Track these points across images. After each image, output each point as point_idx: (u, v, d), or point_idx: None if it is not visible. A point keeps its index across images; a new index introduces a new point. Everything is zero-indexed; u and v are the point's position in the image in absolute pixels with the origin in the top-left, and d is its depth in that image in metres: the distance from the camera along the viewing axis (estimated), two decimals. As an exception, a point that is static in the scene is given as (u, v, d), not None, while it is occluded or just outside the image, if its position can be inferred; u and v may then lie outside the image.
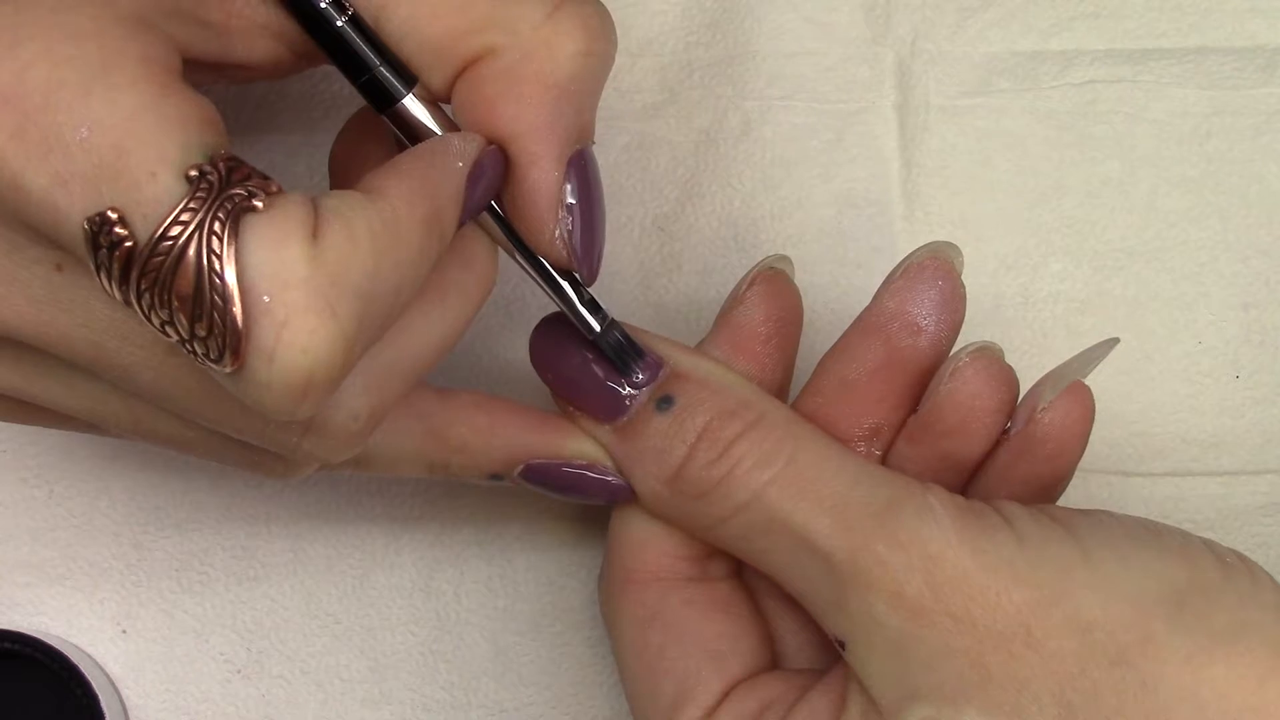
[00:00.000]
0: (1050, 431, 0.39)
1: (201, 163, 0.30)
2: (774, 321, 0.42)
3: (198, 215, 0.30)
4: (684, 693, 0.40)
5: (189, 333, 0.30)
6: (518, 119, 0.36)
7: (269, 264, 0.30)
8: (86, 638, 0.49)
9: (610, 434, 0.41)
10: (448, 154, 0.35)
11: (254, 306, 0.30)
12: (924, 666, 0.36)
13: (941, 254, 0.40)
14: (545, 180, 0.36)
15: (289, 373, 0.30)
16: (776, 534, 0.39)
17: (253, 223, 0.30)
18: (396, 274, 0.32)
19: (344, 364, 0.31)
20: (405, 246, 0.32)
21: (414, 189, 0.33)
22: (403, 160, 0.34)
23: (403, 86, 0.36)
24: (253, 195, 0.30)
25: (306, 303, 0.30)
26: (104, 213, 0.30)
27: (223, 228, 0.30)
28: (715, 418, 0.40)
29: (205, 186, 0.30)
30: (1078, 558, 0.36)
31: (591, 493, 0.42)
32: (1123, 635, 0.34)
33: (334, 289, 0.30)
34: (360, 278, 0.31)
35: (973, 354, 0.39)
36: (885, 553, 0.37)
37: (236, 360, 0.30)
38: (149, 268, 0.30)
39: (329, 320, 0.30)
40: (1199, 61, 0.50)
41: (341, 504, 0.49)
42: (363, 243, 0.31)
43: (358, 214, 0.31)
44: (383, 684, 0.49)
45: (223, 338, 0.30)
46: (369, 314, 0.31)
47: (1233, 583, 0.35)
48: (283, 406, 0.31)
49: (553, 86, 0.36)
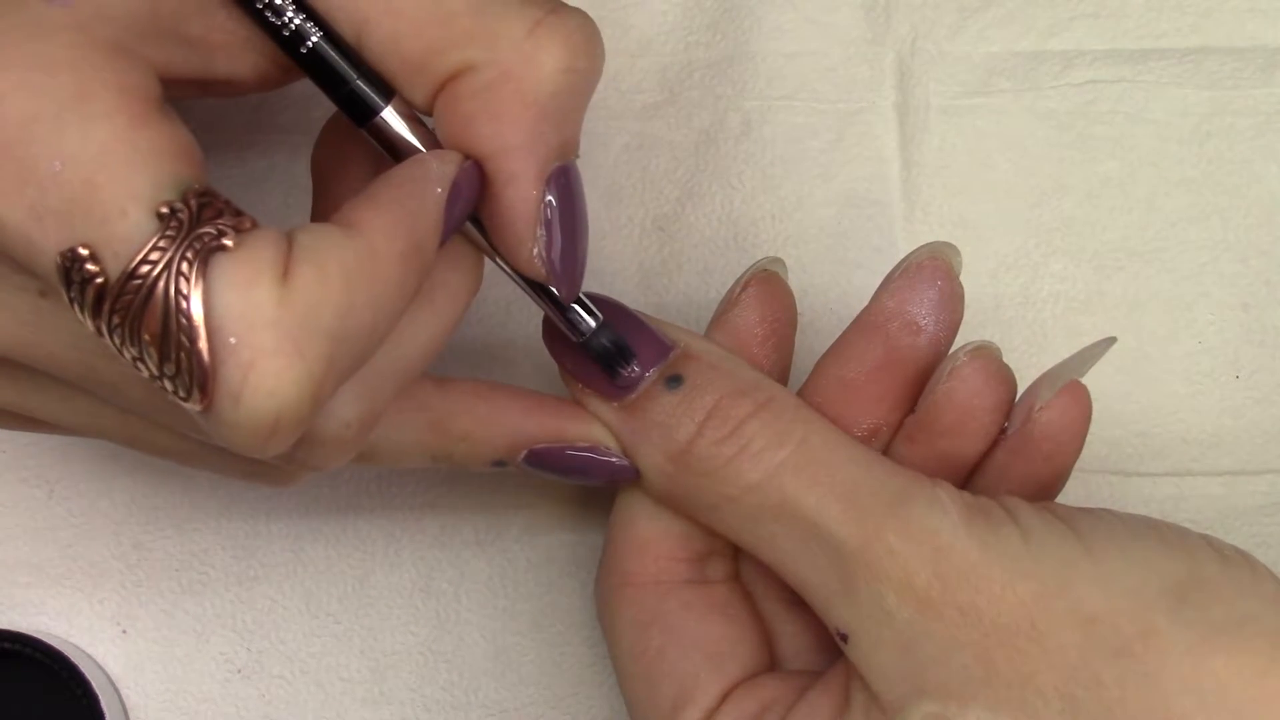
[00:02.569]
0: (1048, 430, 0.39)
1: (173, 199, 0.30)
2: (769, 323, 0.42)
3: (166, 254, 0.29)
4: (683, 695, 0.40)
5: (159, 370, 0.30)
6: (495, 137, 0.35)
7: (236, 305, 0.29)
8: (86, 638, 0.49)
9: (617, 411, 0.41)
10: (426, 180, 0.34)
11: (220, 348, 0.30)
12: (930, 660, 0.36)
13: (940, 254, 0.40)
14: (521, 200, 0.36)
15: (255, 414, 0.30)
16: (785, 518, 0.39)
17: (221, 262, 0.30)
18: (372, 311, 0.32)
19: (313, 404, 0.31)
20: (382, 282, 0.32)
21: (392, 222, 0.33)
22: (380, 191, 0.34)
23: (380, 99, 0.35)
24: (222, 234, 0.30)
25: (274, 345, 0.30)
26: (75, 249, 0.29)
27: (190, 267, 0.29)
28: (726, 396, 0.40)
29: (175, 225, 0.29)
30: (1080, 552, 0.36)
31: (595, 474, 0.42)
32: (1125, 628, 0.34)
33: (302, 330, 0.30)
34: (331, 318, 0.30)
35: (971, 353, 0.39)
36: (896, 542, 0.37)
37: (205, 399, 0.30)
38: (119, 304, 0.30)
39: (296, 362, 0.30)
40: (1199, 61, 0.50)
41: (341, 504, 0.49)
42: (334, 282, 0.31)
43: (331, 252, 0.31)
44: (383, 684, 0.49)
45: (190, 377, 0.30)
46: (340, 353, 0.31)
47: (1232, 576, 0.36)
48: (251, 446, 0.31)
49: (532, 105, 0.35)
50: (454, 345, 0.49)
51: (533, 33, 0.35)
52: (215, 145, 0.49)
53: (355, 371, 0.33)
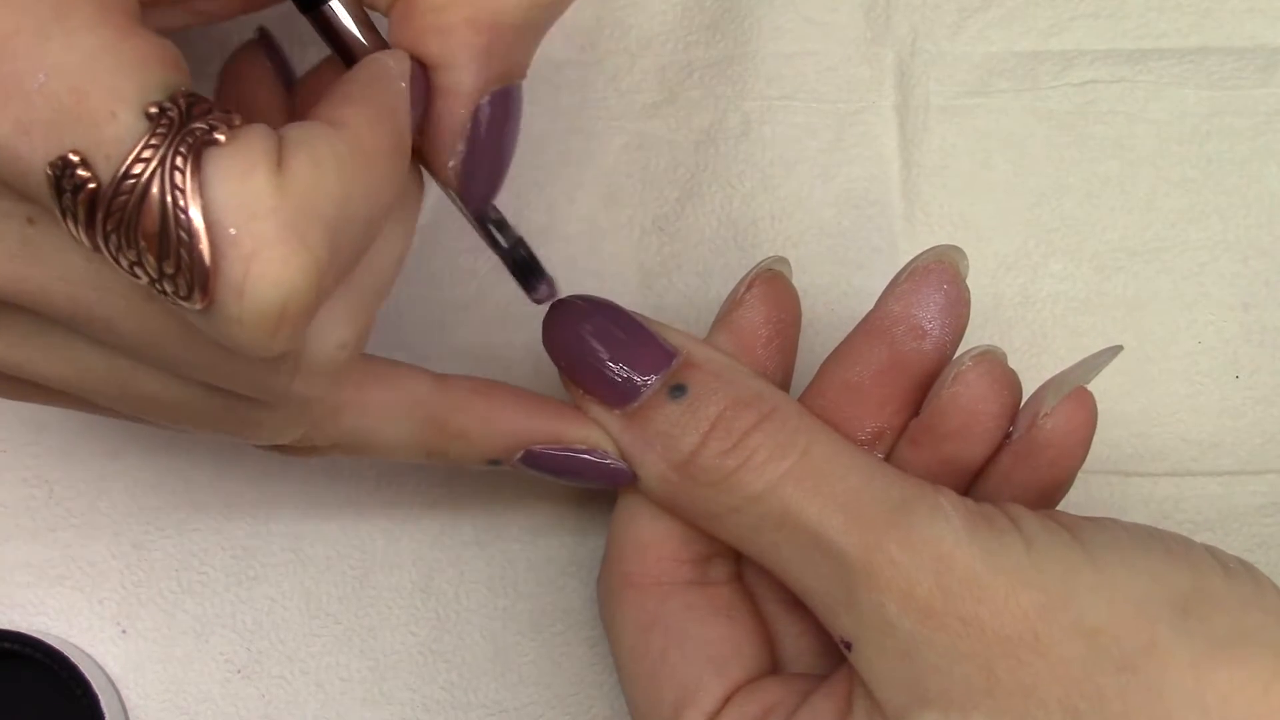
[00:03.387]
0: (1052, 437, 0.39)
1: (161, 99, 0.29)
2: (774, 323, 0.42)
3: (159, 151, 0.29)
4: (685, 698, 0.40)
5: (157, 272, 0.30)
6: (443, 54, 0.35)
7: (234, 196, 0.29)
8: (86, 638, 0.49)
9: (618, 419, 0.41)
10: (390, 77, 0.34)
11: (220, 240, 0.29)
12: (932, 670, 0.36)
13: (946, 258, 0.40)
14: (449, 114, 0.36)
15: (260, 306, 0.30)
16: (787, 528, 0.38)
17: (215, 155, 0.29)
18: (365, 202, 0.32)
19: (317, 293, 0.30)
20: (373, 174, 0.32)
21: (373, 116, 0.33)
22: (353, 88, 0.34)
23: None
24: (214, 129, 0.29)
25: (275, 233, 0.29)
26: (66, 156, 0.29)
27: (185, 162, 0.29)
28: (729, 407, 0.40)
29: (166, 122, 0.29)
30: (1083, 562, 0.36)
31: (591, 476, 0.42)
32: (1128, 641, 0.34)
33: (302, 218, 0.30)
34: (329, 205, 0.30)
35: (976, 358, 0.39)
36: (898, 553, 0.37)
37: (206, 298, 0.30)
38: (114, 208, 0.29)
39: (299, 250, 0.30)
40: (1199, 61, 0.50)
41: (341, 504, 0.49)
42: (330, 171, 0.30)
43: (323, 143, 0.31)
44: (383, 684, 0.49)
45: (191, 274, 0.29)
46: (340, 242, 0.31)
47: (1236, 589, 0.35)
48: (257, 341, 0.30)
49: (485, 30, 0.35)
50: (454, 346, 0.49)
51: None
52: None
53: (353, 265, 0.33)
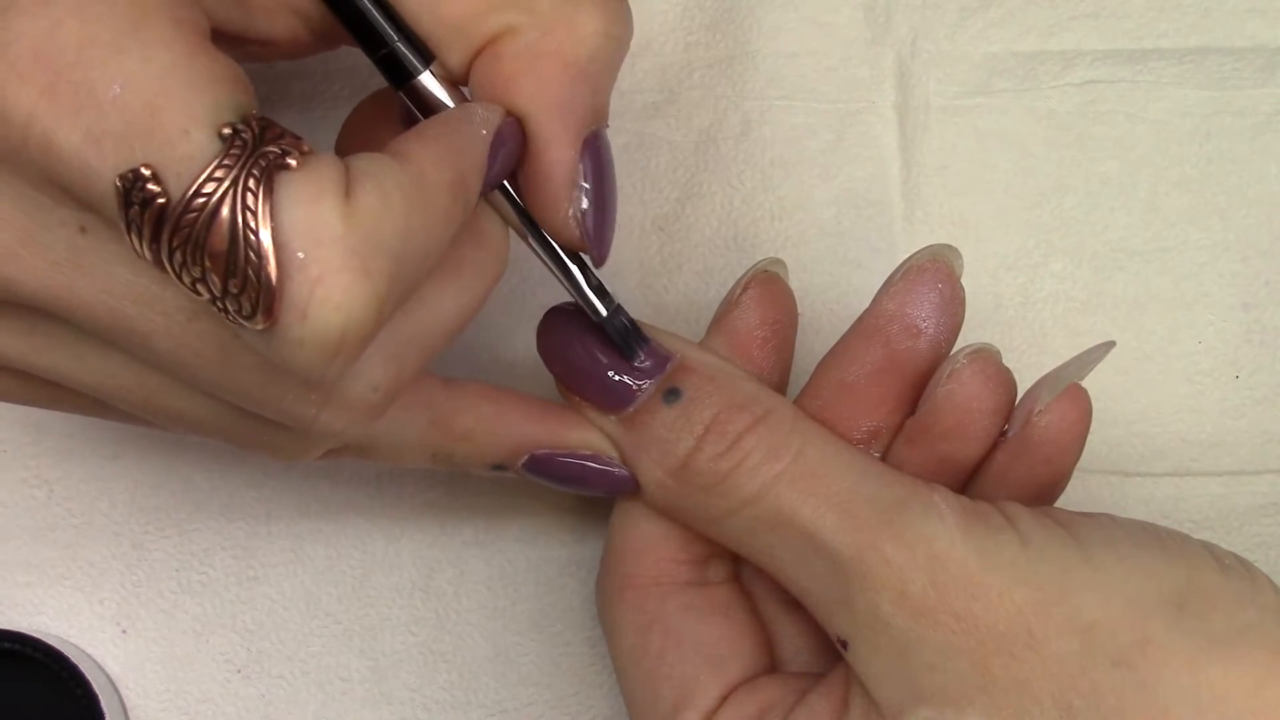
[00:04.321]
0: (1047, 434, 0.39)
1: (234, 120, 0.30)
2: (770, 324, 0.42)
3: (232, 172, 0.30)
4: (683, 697, 0.40)
5: (221, 291, 0.30)
6: (536, 97, 0.36)
7: (304, 221, 0.30)
8: (86, 638, 0.49)
9: (615, 425, 0.41)
10: (472, 121, 0.35)
11: (289, 263, 0.30)
12: (927, 667, 0.36)
13: (941, 257, 0.40)
14: (561, 159, 0.36)
15: (322, 330, 0.30)
16: (782, 530, 0.39)
17: (287, 180, 0.30)
18: (425, 236, 0.32)
19: (376, 323, 0.31)
20: (433, 210, 0.32)
21: (440, 153, 0.33)
22: (427, 126, 0.34)
23: (420, 62, 0.36)
24: (286, 153, 0.30)
25: (341, 260, 0.30)
26: (137, 169, 0.29)
27: (257, 185, 0.30)
28: (723, 410, 0.40)
29: (239, 144, 0.30)
30: (1079, 559, 0.36)
31: (594, 484, 0.42)
32: (1123, 636, 0.34)
33: (368, 247, 0.30)
34: (392, 238, 0.31)
35: (970, 356, 0.39)
36: (891, 551, 0.37)
37: (269, 318, 0.30)
38: (181, 224, 0.30)
39: (363, 278, 0.30)
40: (1199, 61, 0.50)
41: (341, 504, 0.49)
42: (395, 203, 0.31)
43: (389, 175, 0.31)
44: (383, 684, 0.49)
45: (256, 295, 0.30)
46: (400, 275, 0.31)
47: (1231, 585, 0.35)
48: (314, 365, 0.31)
49: (571, 65, 0.36)
50: (456, 350, 0.49)
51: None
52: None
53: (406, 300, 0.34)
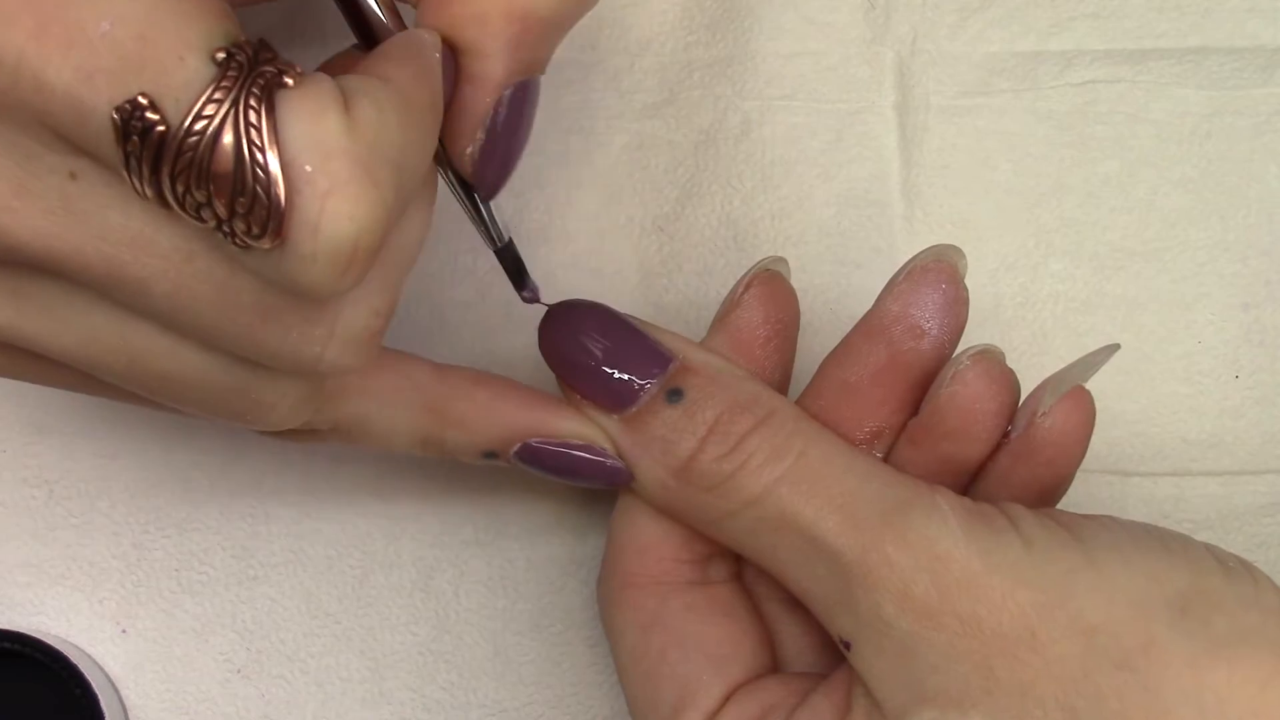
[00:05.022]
0: (1051, 436, 0.39)
1: (227, 45, 0.30)
2: (772, 323, 0.42)
3: (231, 93, 0.29)
4: (685, 697, 0.40)
5: (228, 213, 0.30)
6: (474, 40, 0.36)
7: (308, 136, 0.30)
8: (86, 638, 0.49)
9: (617, 424, 0.41)
10: (425, 46, 0.35)
11: (297, 178, 0.30)
12: (930, 669, 0.36)
13: (945, 257, 0.40)
14: (475, 100, 0.36)
15: (335, 241, 0.30)
16: (785, 530, 0.39)
17: (287, 97, 0.30)
18: (417, 149, 0.33)
19: (384, 233, 0.31)
20: (420, 125, 0.33)
21: (416, 74, 0.33)
22: (393, 49, 0.34)
23: None
24: (284, 72, 0.30)
25: (349, 172, 0.30)
26: (134, 99, 0.29)
27: (259, 104, 0.29)
28: (727, 411, 0.40)
29: (235, 66, 0.30)
30: (1082, 561, 0.36)
31: (586, 474, 0.42)
32: (1126, 639, 0.34)
33: (372, 158, 0.30)
34: (392, 149, 0.31)
35: (974, 357, 0.39)
36: (893, 552, 0.37)
37: (279, 237, 0.30)
38: (184, 150, 0.29)
39: (371, 188, 0.30)
40: (1199, 61, 0.50)
41: (341, 504, 0.49)
42: (391, 118, 0.31)
43: (381, 92, 0.32)
44: (383, 684, 0.49)
45: (265, 213, 0.30)
46: (402, 185, 0.32)
47: (1235, 587, 0.35)
48: (327, 280, 0.31)
49: (518, 20, 0.36)
50: (454, 346, 0.49)
51: None
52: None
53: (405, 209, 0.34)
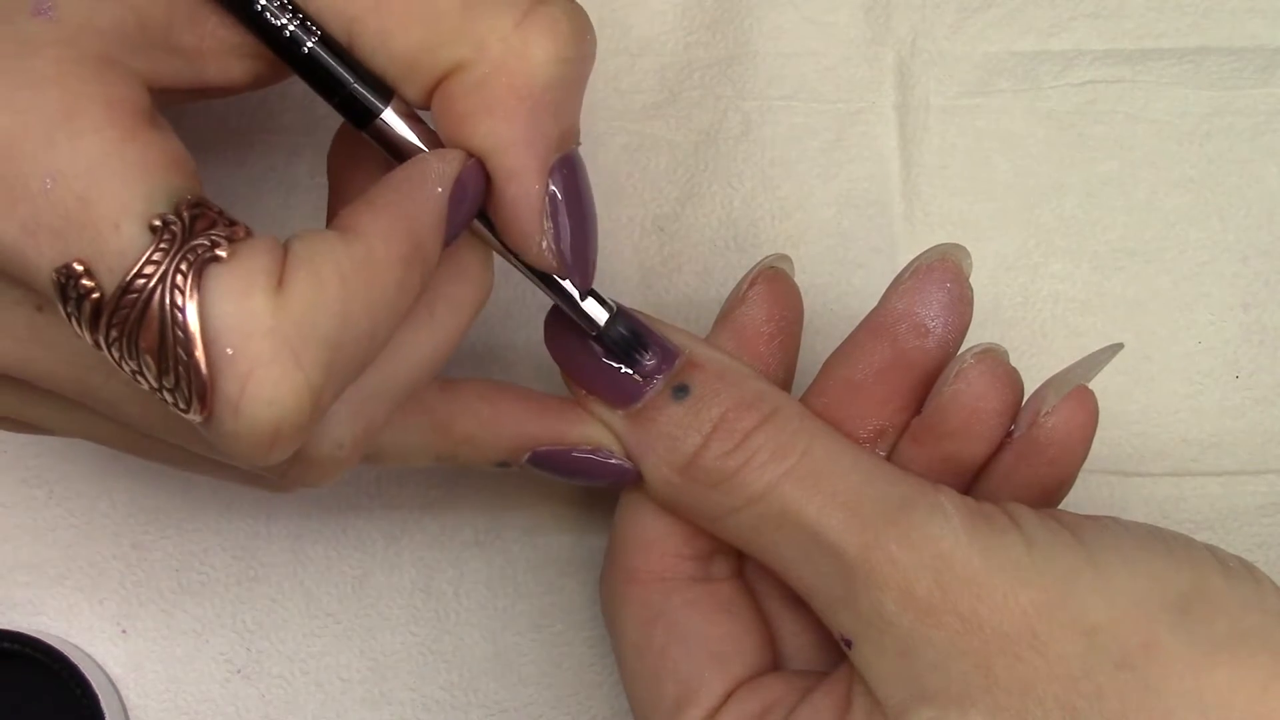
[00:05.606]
0: (1054, 435, 0.39)
1: (165, 212, 0.30)
2: (776, 321, 0.42)
3: (161, 267, 0.29)
4: (686, 694, 0.40)
5: (158, 382, 0.30)
6: (492, 134, 0.35)
7: (232, 315, 0.30)
8: (86, 638, 0.49)
9: (622, 419, 0.41)
10: (425, 180, 0.34)
11: (218, 359, 0.30)
12: (931, 667, 0.36)
13: (950, 256, 0.40)
14: (525, 194, 0.36)
15: (255, 424, 0.30)
16: (788, 528, 0.39)
17: (216, 273, 0.30)
18: (369, 316, 0.32)
19: (312, 412, 0.31)
20: (380, 287, 0.32)
21: (390, 225, 0.33)
22: (378, 194, 0.34)
23: (379, 101, 0.35)
24: (215, 245, 0.30)
25: (271, 354, 0.30)
26: (70, 265, 0.29)
27: (185, 279, 0.29)
28: (732, 408, 0.40)
29: (168, 237, 0.30)
30: (1084, 562, 0.36)
31: (598, 476, 0.42)
32: (1127, 639, 0.34)
33: (299, 338, 0.30)
34: (328, 325, 0.31)
35: (978, 355, 0.39)
36: (897, 550, 0.37)
37: (205, 409, 0.30)
38: (116, 318, 0.30)
39: (294, 371, 0.30)
40: (1199, 61, 0.50)
41: (341, 504, 0.49)
42: (330, 288, 0.31)
43: (326, 258, 0.31)
44: (383, 684, 0.49)
45: (189, 389, 0.30)
46: (339, 360, 0.31)
47: (1236, 589, 0.35)
48: (252, 456, 0.31)
49: (526, 98, 0.35)
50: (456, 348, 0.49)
51: (520, 25, 0.34)
52: (214, 146, 0.49)
53: (356, 377, 0.33)
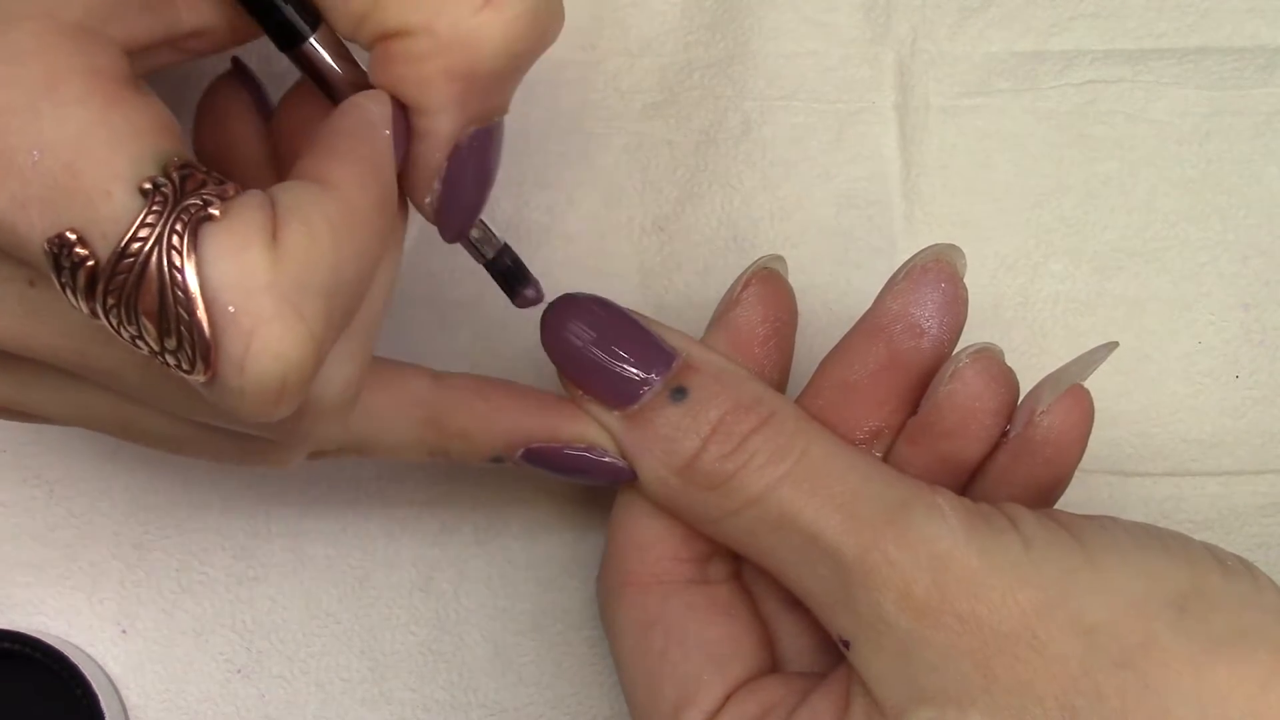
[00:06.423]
0: (1049, 434, 0.39)
1: (155, 174, 0.30)
2: (771, 322, 0.42)
3: (155, 229, 0.29)
4: (685, 696, 0.40)
5: (159, 345, 0.30)
6: (419, 99, 0.35)
7: (231, 273, 0.30)
8: (86, 638, 0.49)
9: (618, 420, 0.41)
10: (373, 125, 0.34)
11: (220, 317, 0.30)
12: (929, 668, 0.36)
13: (945, 256, 0.40)
14: (427, 155, 0.36)
15: (262, 380, 0.30)
16: (786, 530, 0.39)
17: (211, 231, 0.30)
18: (358, 263, 0.32)
19: (315, 363, 0.31)
20: (364, 233, 0.32)
21: (360, 173, 0.33)
22: (339, 141, 0.34)
23: (307, 27, 0.35)
24: (208, 204, 0.30)
25: (273, 309, 0.30)
26: (63, 234, 0.29)
27: (181, 240, 0.29)
28: (730, 411, 0.40)
29: (160, 199, 0.30)
30: (1082, 561, 0.36)
31: (592, 473, 0.42)
32: (1126, 638, 0.34)
33: (298, 291, 0.30)
34: (324, 275, 0.31)
35: (973, 355, 0.39)
36: (894, 551, 0.37)
37: (209, 370, 0.30)
38: (113, 285, 0.30)
39: (296, 324, 0.30)
40: (1199, 61, 0.50)
41: (341, 504, 0.49)
42: (323, 238, 0.31)
43: (315, 209, 0.31)
44: (383, 684, 0.49)
45: (193, 349, 0.30)
46: (335, 309, 0.31)
47: (1234, 587, 0.36)
48: (259, 412, 0.31)
49: (462, 78, 0.35)
50: (454, 346, 0.49)
51: (480, 11, 0.34)
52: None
53: (349, 323, 0.34)
